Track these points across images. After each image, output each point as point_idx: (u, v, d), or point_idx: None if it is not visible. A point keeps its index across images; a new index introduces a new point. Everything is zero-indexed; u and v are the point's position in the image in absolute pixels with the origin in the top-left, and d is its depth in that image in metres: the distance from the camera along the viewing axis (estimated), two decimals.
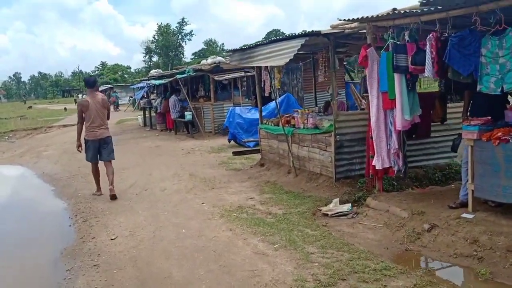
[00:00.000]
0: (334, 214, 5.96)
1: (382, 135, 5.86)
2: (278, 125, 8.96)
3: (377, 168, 5.89)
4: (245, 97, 16.67)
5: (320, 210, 6.15)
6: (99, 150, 8.17)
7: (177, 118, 17.47)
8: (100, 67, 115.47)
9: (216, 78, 15.58)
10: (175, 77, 16.39)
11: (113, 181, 8.03)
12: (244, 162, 10.54)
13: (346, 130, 7.16)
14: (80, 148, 8.32)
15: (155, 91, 23.16)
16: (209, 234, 5.38)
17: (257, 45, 8.28)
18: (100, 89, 61.25)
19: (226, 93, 16.79)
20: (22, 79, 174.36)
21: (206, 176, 9.10)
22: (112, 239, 5.56)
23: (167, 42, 79.10)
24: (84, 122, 7.92)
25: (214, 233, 5.39)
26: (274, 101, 13.58)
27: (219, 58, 15.97)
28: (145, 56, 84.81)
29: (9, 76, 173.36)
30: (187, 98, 16.72)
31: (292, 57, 6.71)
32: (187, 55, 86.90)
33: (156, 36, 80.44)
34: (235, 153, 10.41)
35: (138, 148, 14.76)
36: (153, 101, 20.43)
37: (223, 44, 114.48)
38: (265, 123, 9.61)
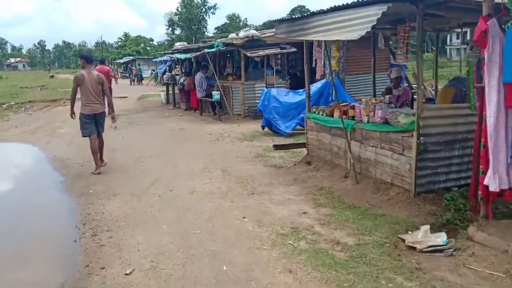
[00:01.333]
0: (425, 248, 4.38)
1: (502, 144, 4.22)
2: (332, 116, 7.35)
3: (491, 189, 4.26)
4: (279, 77, 14.99)
5: (404, 240, 4.58)
6: (95, 123, 8.48)
7: (203, 97, 15.93)
8: (123, 38, 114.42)
9: (248, 54, 13.90)
10: (202, 51, 14.75)
11: (102, 153, 8.90)
12: (284, 156, 8.97)
13: (432, 130, 5.52)
14: (74, 115, 8.59)
15: (179, 66, 21.64)
16: (261, 278, 3.86)
17: (313, 14, 6.62)
18: (122, 60, 60.15)
19: (257, 71, 15.12)
20: (47, 47, 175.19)
21: (242, 174, 7.58)
22: (126, 274, 4.10)
23: (190, 14, 78.06)
24: (81, 97, 8.28)
25: (268, 277, 3.87)
26: (316, 84, 11.99)
27: (253, 32, 14.27)
28: (168, 28, 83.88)
29: (34, 44, 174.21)
30: (215, 76, 15.11)
31: (369, 29, 5.05)
32: (210, 29, 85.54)
33: (179, 9, 79.25)
34: (277, 147, 8.68)
35: (161, 131, 13.31)
36: (177, 76, 18.88)
37: (246, 19, 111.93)
38: (314, 112, 7.99)
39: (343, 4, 5.81)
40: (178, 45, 20.46)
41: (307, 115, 8.19)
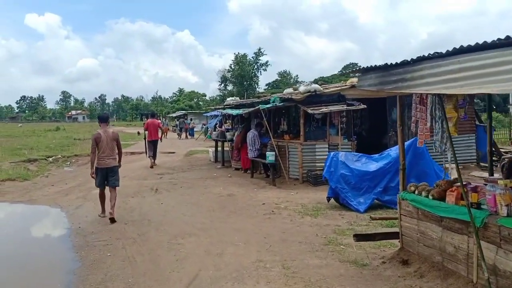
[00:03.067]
0: None
1: None
2: (443, 199, 5.18)
3: None
4: (344, 137, 12.97)
5: None
6: (106, 177, 9.11)
7: (255, 157, 14.11)
8: (177, 93, 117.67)
9: (309, 110, 12.04)
10: (257, 107, 13.05)
11: (115, 206, 8.98)
12: (365, 245, 6.77)
13: None
14: (93, 175, 9.15)
15: (230, 121, 20.17)
16: None
17: (422, 59, 4.64)
18: (174, 114, 60.43)
19: (318, 130, 13.19)
20: (107, 101, 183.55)
21: (311, 276, 5.46)
22: None
23: (242, 71, 79.22)
24: (97, 152, 8.93)
25: None
26: (392, 148, 9.90)
27: (315, 86, 12.48)
28: (221, 84, 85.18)
29: (95, 98, 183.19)
30: (270, 134, 13.31)
31: None
32: (261, 86, 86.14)
33: (232, 66, 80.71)
34: (359, 238, 6.30)
35: (206, 196, 11.46)
36: (227, 133, 17.29)
37: (297, 76, 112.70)
38: (414, 191, 5.84)
39: (484, 42, 3.80)
40: (230, 100, 19.10)
41: (402, 194, 6.05)
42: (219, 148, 18.45)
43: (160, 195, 11.72)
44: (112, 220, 8.70)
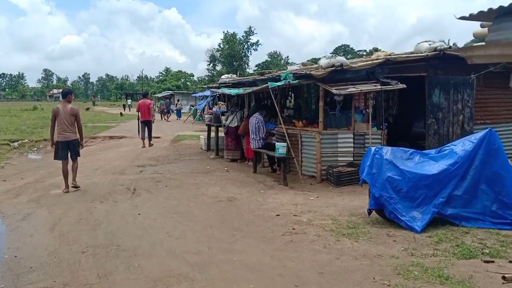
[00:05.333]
0: None
1: None
2: None
3: None
4: (372, 125, 10.25)
5: None
6: (68, 150, 9.47)
7: (259, 148, 11.37)
8: (164, 73, 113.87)
9: (334, 90, 9.26)
10: (265, 85, 10.19)
11: (75, 176, 9.69)
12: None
13: None
14: (53, 146, 9.67)
15: (224, 103, 17.35)
16: None
17: None
18: (161, 95, 57.48)
19: (340, 116, 10.44)
20: (91, 80, 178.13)
21: None
22: None
23: (232, 51, 76.89)
24: (56, 126, 9.44)
25: None
26: (464, 142, 7.29)
27: (341, 59, 9.66)
28: (209, 64, 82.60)
29: (79, 76, 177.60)
30: (280, 119, 10.52)
31: None
32: (251, 66, 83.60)
33: (221, 45, 77.89)
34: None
35: (198, 202, 8.72)
36: (222, 117, 14.46)
37: (287, 57, 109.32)
38: None
39: None
40: (225, 77, 16.20)
41: None
42: (213, 135, 15.63)
43: (138, 199, 8.94)
44: (75, 187, 9.56)
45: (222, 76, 16.78)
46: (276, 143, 10.12)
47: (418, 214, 6.77)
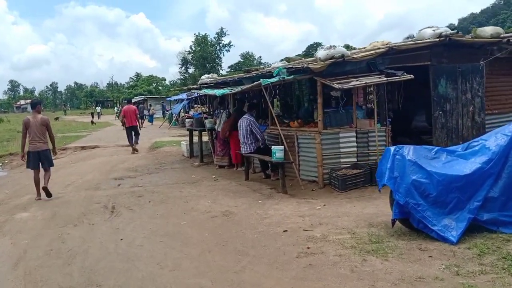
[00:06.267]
0: None
1: None
2: None
3: None
4: (377, 122, 9.29)
5: None
6: (39, 160, 9.53)
7: (251, 153, 10.29)
8: (135, 78, 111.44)
9: (336, 84, 8.25)
10: (256, 82, 9.05)
11: (48, 182, 9.55)
12: None
13: None
14: (23, 158, 9.82)
15: (199, 106, 16.21)
16: None
17: None
18: (134, 100, 55.86)
19: (339, 113, 9.44)
20: (59, 89, 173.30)
21: None
22: None
23: (204, 52, 75.54)
24: (27, 137, 9.54)
25: None
26: (495, 135, 6.40)
27: (341, 50, 8.66)
28: (181, 67, 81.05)
29: (46, 86, 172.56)
30: (276, 121, 9.44)
31: None
32: (224, 68, 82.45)
33: (193, 47, 76.49)
34: None
35: (189, 220, 7.57)
36: (206, 120, 13.29)
37: (260, 57, 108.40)
38: None
39: None
40: (205, 78, 15.04)
41: None
42: (196, 141, 14.44)
43: (119, 220, 7.74)
44: (45, 189, 9.43)
45: (203, 77, 15.63)
46: (273, 147, 9.04)
47: (451, 222, 5.80)
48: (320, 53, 8.54)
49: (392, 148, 6.29)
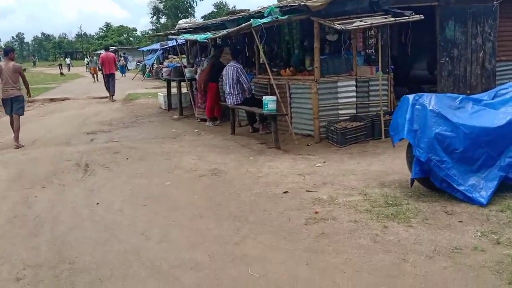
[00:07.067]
0: None
1: None
2: None
3: None
4: (376, 69, 8.41)
5: None
6: (11, 106, 9.57)
7: (238, 104, 9.34)
8: (104, 29, 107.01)
9: (338, 25, 7.25)
10: (248, 22, 7.90)
11: (18, 137, 9.52)
12: None
13: None
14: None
15: (172, 56, 14.99)
16: None
17: None
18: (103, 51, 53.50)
19: (336, 59, 8.49)
20: (25, 40, 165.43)
21: None
22: None
23: (176, 1, 72.57)
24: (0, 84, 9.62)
25: None
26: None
27: None
28: (153, 17, 77.96)
29: (12, 37, 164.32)
30: (268, 68, 8.43)
31: None
32: (197, 18, 79.64)
33: None
34: None
35: (174, 179, 6.68)
36: (186, 69, 12.16)
37: (234, 6, 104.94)
38: None
39: None
40: (183, 22, 13.71)
41: None
42: (175, 92, 13.33)
43: (93, 180, 6.80)
44: (17, 147, 9.30)
45: (180, 22, 14.31)
46: (264, 97, 8.09)
47: (480, 181, 5.08)
48: None
49: (411, 97, 5.43)
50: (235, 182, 6.29)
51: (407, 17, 7.44)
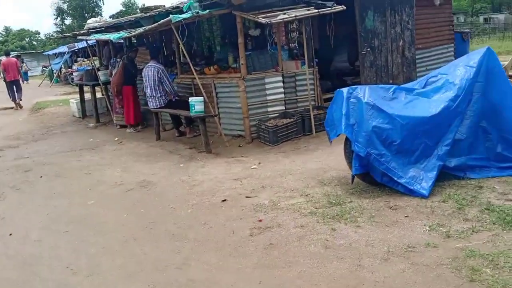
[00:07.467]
0: None
1: None
2: None
3: None
4: (301, 63, 8.27)
5: None
6: None
7: (161, 107, 8.78)
8: (4, 33, 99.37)
9: (262, 19, 6.97)
10: (164, 20, 7.34)
11: None
12: None
13: None
14: None
15: (92, 58, 14.06)
16: None
17: None
18: (4, 58, 49.46)
19: (262, 55, 8.23)
20: None
21: None
22: None
23: (81, 1, 68.68)
24: None
25: None
26: (443, 69, 5.72)
27: None
28: (56, 18, 73.23)
29: None
30: (191, 67, 7.96)
31: None
32: (105, 17, 76.10)
33: None
34: None
35: (98, 199, 6.03)
36: (100, 73, 11.30)
37: (144, 4, 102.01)
38: None
39: None
40: (92, 22, 12.74)
41: None
42: (88, 97, 12.38)
43: (3, 206, 6.01)
44: None
45: (89, 21, 13.29)
46: (190, 99, 7.61)
47: (419, 172, 5.04)
48: None
49: (345, 90, 5.28)
50: (167, 194, 5.80)
51: (329, 8, 7.32)
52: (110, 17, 79.60)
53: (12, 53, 45.96)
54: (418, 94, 5.38)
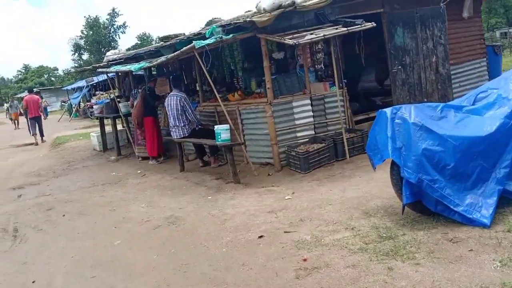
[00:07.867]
0: None
1: None
2: None
3: None
4: (329, 84, 7.88)
5: None
6: None
7: (185, 137, 8.43)
8: (23, 71, 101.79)
9: (289, 40, 6.62)
10: (187, 47, 7.03)
11: None
12: None
13: None
14: None
15: (111, 90, 13.91)
16: None
17: None
18: (24, 94, 50.42)
19: (287, 78, 7.87)
20: None
21: None
22: None
23: (98, 36, 70.42)
24: None
25: None
26: (492, 84, 5.25)
27: None
28: (74, 54, 74.83)
29: None
30: (216, 94, 7.63)
31: None
32: (121, 50, 77.39)
33: (84, 31, 71.10)
34: None
35: (124, 238, 5.63)
36: (120, 104, 11.07)
37: (158, 37, 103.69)
38: None
39: None
40: (111, 54, 12.65)
41: None
42: (109, 130, 12.14)
43: (25, 248, 5.64)
44: None
45: (108, 53, 13.21)
46: (216, 127, 7.25)
47: (478, 198, 4.52)
48: (264, 3, 6.82)
49: (388, 111, 4.84)
50: (198, 231, 5.37)
51: (359, 26, 6.96)
52: (126, 50, 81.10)
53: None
54: (468, 112, 4.91)
